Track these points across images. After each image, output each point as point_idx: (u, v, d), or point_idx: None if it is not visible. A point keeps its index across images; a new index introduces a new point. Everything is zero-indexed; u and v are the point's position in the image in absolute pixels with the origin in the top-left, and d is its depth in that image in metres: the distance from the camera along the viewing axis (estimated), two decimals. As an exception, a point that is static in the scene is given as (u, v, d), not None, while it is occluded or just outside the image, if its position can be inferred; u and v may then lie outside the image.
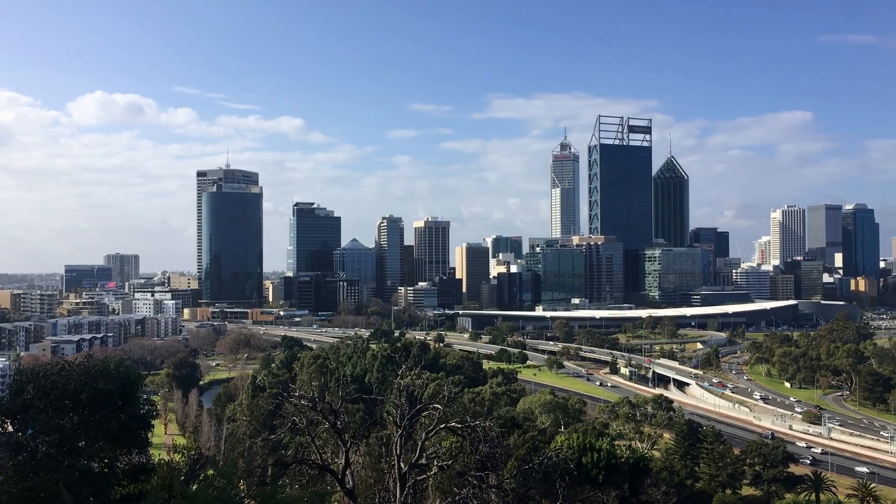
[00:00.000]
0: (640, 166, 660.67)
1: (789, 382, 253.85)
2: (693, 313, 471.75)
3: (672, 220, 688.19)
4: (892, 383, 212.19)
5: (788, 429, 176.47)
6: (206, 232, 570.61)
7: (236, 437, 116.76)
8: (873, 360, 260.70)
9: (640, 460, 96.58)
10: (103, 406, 30.55)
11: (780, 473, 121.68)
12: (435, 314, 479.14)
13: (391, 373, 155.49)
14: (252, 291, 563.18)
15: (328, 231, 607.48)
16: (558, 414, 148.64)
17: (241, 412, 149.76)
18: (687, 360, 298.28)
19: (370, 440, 75.16)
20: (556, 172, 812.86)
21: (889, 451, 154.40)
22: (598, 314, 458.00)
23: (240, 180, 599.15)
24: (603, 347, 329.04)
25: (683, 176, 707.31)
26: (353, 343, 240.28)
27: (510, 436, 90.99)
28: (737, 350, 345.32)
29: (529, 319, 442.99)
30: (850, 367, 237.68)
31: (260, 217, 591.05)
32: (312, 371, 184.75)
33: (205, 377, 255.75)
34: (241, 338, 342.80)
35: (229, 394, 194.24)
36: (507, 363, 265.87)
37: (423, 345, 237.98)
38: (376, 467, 55.04)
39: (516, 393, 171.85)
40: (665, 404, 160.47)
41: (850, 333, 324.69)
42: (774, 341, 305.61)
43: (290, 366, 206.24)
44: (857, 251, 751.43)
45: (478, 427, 36.92)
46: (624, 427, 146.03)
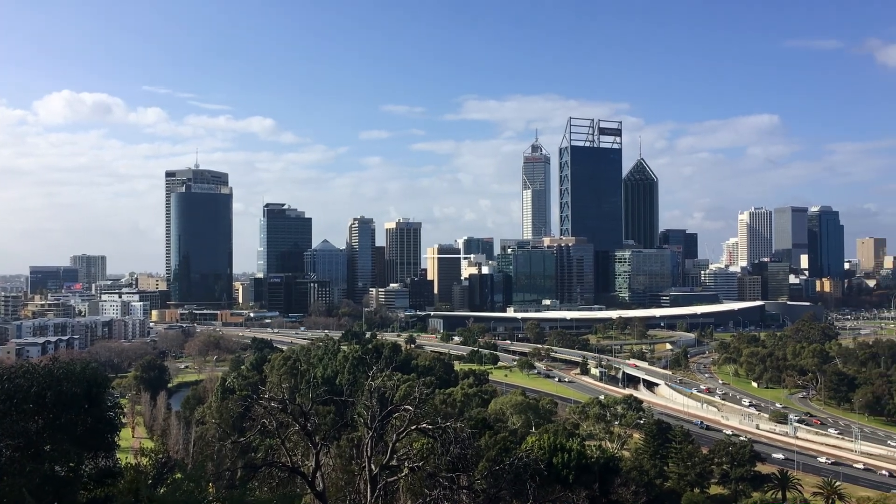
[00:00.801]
0: (611, 168, 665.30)
1: (756, 382, 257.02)
2: (662, 314, 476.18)
3: (642, 221, 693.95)
4: (856, 383, 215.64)
5: (755, 428, 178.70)
6: (174, 233, 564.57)
7: (205, 439, 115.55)
8: (838, 360, 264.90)
9: (610, 460, 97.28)
10: (69, 409, 30.08)
11: (747, 472, 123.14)
12: (406, 315, 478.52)
13: (362, 374, 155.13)
14: (222, 293, 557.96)
15: (299, 232, 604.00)
16: (529, 415, 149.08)
17: (211, 415, 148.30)
18: (656, 361, 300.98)
19: (341, 442, 74.75)
20: (527, 174, 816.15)
21: (853, 450, 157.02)
22: (568, 315, 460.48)
23: (209, 181, 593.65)
24: (574, 348, 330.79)
25: (653, 178, 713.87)
26: (324, 345, 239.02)
27: (481, 437, 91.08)
28: (705, 350, 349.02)
29: (501, 321, 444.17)
30: (816, 367, 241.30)
31: (230, 218, 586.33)
32: (283, 373, 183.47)
33: (173, 379, 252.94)
34: (211, 340, 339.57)
35: (198, 396, 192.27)
36: (479, 364, 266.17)
37: (395, 346, 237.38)
38: (347, 469, 54.84)
39: (487, 394, 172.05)
40: (635, 404, 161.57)
41: (815, 334, 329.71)
42: (742, 342, 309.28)
43: (261, 368, 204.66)
44: (823, 253, 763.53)
45: (449, 428, 36.93)
46: (594, 427, 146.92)
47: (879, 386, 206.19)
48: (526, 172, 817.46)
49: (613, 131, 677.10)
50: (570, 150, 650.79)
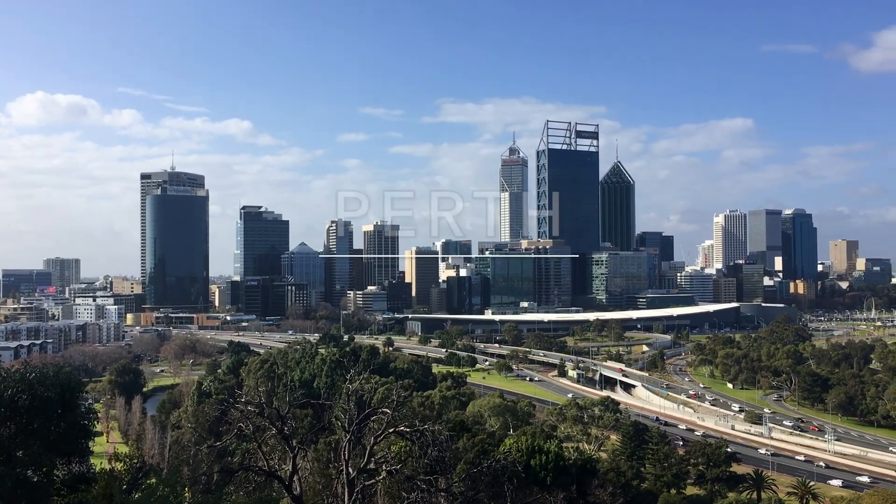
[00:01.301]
0: (588, 171, 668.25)
1: (731, 383, 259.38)
2: (639, 316, 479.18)
3: (619, 224, 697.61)
4: (830, 383, 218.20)
5: (731, 429, 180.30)
6: (150, 235, 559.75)
7: (181, 444, 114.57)
8: (811, 360, 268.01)
9: (588, 462, 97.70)
10: (41, 414, 29.71)
11: (722, 473, 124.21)
12: (384, 318, 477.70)
13: (340, 377, 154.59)
14: (198, 296, 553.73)
15: (276, 235, 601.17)
16: (507, 417, 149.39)
17: (187, 419, 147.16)
18: (633, 363, 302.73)
19: (318, 445, 74.48)
20: (504, 177, 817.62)
21: (827, 450, 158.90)
22: (546, 317, 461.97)
23: (185, 183, 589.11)
24: (551, 350, 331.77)
25: (630, 181, 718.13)
26: (301, 348, 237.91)
27: (459, 439, 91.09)
28: (681, 352, 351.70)
29: (479, 323, 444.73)
30: (790, 368, 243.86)
31: (206, 220, 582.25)
32: (260, 376, 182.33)
33: (149, 384, 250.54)
34: (187, 343, 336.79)
35: (174, 400, 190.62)
36: (457, 367, 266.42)
37: (373, 349, 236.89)
38: (324, 473, 54.60)
39: (465, 396, 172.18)
40: (612, 406, 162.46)
41: (789, 335, 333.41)
42: (717, 343, 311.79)
43: (237, 371, 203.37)
44: (796, 255, 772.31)
45: (427, 431, 36.95)
46: (572, 429, 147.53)
47: (852, 386, 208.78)
48: (504, 175, 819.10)
49: (590, 134, 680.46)
50: (548, 153, 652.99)
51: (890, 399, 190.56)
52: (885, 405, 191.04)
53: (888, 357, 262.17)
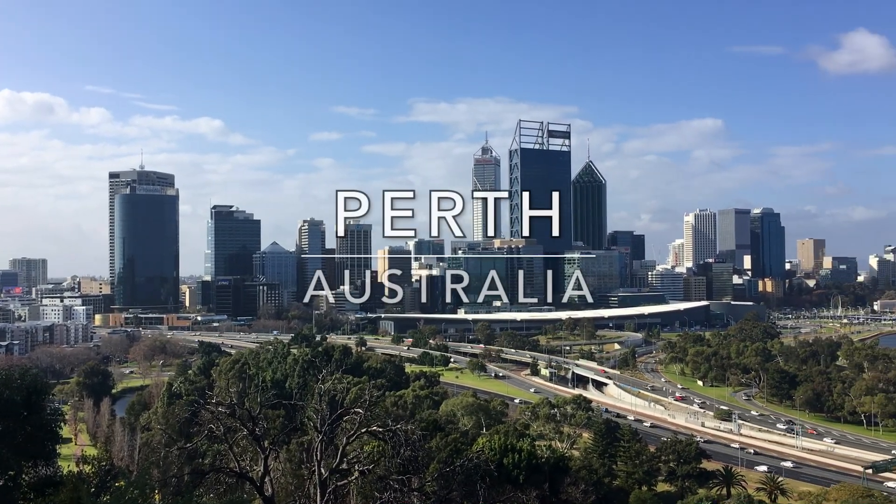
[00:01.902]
0: (560, 170, 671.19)
1: (702, 381, 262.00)
2: (611, 314, 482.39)
3: (590, 223, 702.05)
4: (798, 380, 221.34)
5: (701, 426, 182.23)
6: (118, 235, 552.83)
7: (151, 446, 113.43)
8: (779, 358, 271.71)
9: (560, 460, 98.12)
10: (7, 416, 29.24)
11: (693, 469, 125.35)
12: (357, 318, 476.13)
13: (312, 378, 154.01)
14: (168, 296, 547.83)
15: (247, 234, 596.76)
16: (480, 416, 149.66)
17: (156, 420, 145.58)
18: (605, 361, 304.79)
19: (290, 446, 74.09)
20: (477, 176, 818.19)
21: (794, 446, 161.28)
22: (518, 316, 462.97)
23: (155, 182, 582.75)
24: (524, 349, 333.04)
25: (601, 180, 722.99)
26: (273, 348, 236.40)
27: (432, 439, 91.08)
28: (652, 350, 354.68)
29: (451, 322, 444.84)
30: (759, 365, 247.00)
31: (176, 220, 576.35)
32: (231, 377, 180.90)
33: (118, 385, 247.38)
34: (157, 344, 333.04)
35: (144, 402, 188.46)
36: (430, 366, 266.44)
37: (345, 349, 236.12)
38: (297, 474, 54.34)
39: (438, 396, 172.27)
40: (584, 404, 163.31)
41: (758, 333, 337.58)
42: (688, 341, 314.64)
43: (208, 372, 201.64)
44: (765, 253, 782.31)
45: (399, 431, 36.90)
46: (544, 427, 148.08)
47: (819, 383, 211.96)
48: (476, 174, 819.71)
49: (562, 134, 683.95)
50: (520, 153, 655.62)
51: (856, 395, 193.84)
52: (852, 401, 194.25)
53: (854, 354, 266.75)
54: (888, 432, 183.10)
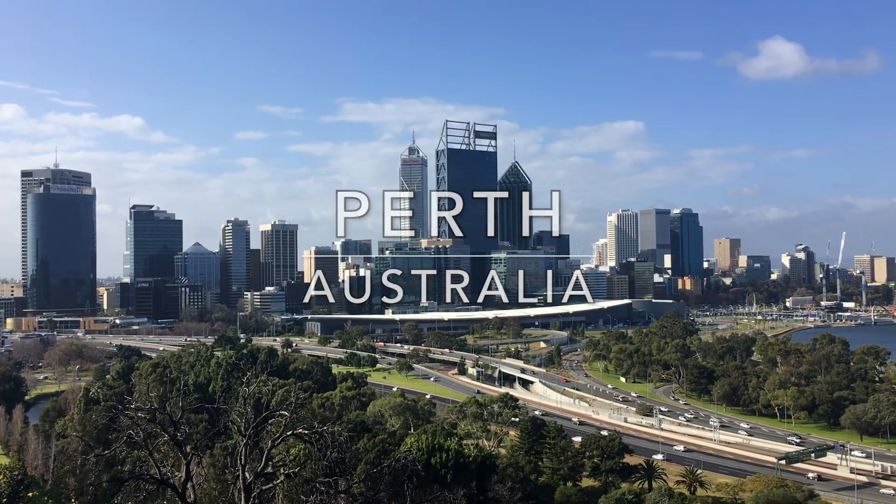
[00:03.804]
0: (487, 171, 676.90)
1: (624, 377, 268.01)
2: (537, 314, 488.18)
3: (516, 223, 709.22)
4: (715, 375, 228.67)
5: (624, 421, 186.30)
6: (31, 236, 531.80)
7: (67, 453, 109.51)
8: (698, 354, 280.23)
9: (488, 458, 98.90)
10: None
11: (616, 464, 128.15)
12: (283, 319, 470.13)
13: (237, 380, 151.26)
14: (84, 299, 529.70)
15: (169, 235, 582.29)
16: (408, 416, 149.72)
17: (73, 427, 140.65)
18: (531, 359, 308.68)
19: (214, 451, 72.57)
20: (404, 176, 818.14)
21: (712, 439, 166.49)
22: (446, 316, 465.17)
23: (70, 181, 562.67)
24: (451, 349, 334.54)
25: (527, 181, 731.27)
26: (196, 351, 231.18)
27: (359, 440, 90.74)
28: (577, 348, 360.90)
29: (379, 323, 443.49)
30: (678, 361, 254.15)
31: (93, 220, 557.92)
32: (152, 381, 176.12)
33: (31, 391, 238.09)
34: (73, 348, 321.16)
35: (59, 408, 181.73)
36: (357, 367, 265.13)
37: (271, 351, 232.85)
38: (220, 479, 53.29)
39: (366, 396, 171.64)
40: (511, 402, 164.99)
41: (678, 329, 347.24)
42: (611, 339, 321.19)
43: (128, 377, 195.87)
44: (684, 252, 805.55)
45: (326, 432, 36.61)
46: (472, 426, 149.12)
47: (736, 378, 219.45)
48: (403, 174, 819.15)
49: (489, 135, 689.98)
50: (447, 153, 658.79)
51: (770, 389, 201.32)
52: (766, 395, 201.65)
53: (768, 349, 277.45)
54: (800, 424, 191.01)
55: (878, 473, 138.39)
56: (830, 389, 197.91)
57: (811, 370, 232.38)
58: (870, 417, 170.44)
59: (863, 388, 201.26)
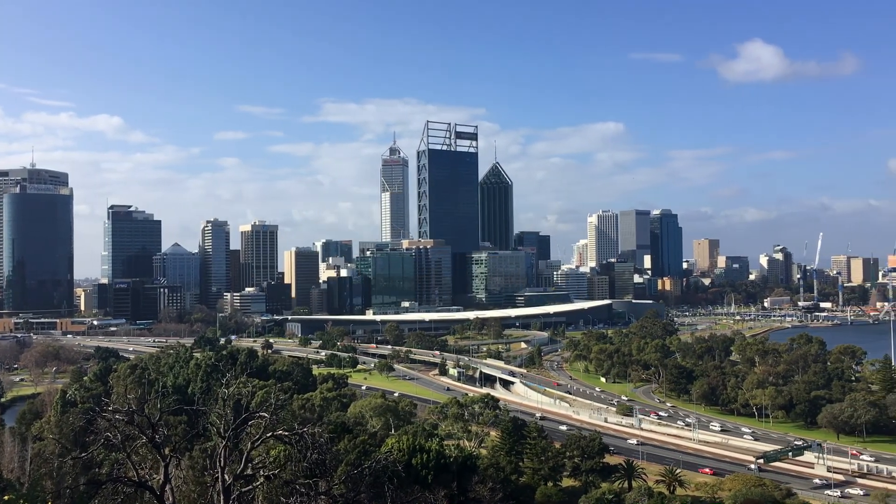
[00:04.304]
0: (468, 171, 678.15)
1: (605, 377, 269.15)
2: (518, 314, 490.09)
3: (497, 224, 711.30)
4: (694, 375, 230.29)
5: (604, 421, 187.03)
6: (7, 236, 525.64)
7: (43, 456, 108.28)
8: (678, 354, 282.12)
9: (468, 459, 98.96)
10: None
11: (596, 464, 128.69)
12: (263, 320, 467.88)
13: (216, 382, 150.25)
14: (62, 300, 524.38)
15: (147, 235, 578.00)
16: (389, 417, 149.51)
17: (50, 430, 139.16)
18: (512, 360, 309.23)
19: (193, 453, 72.05)
20: (385, 177, 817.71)
21: (691, 438, 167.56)
22: (427, 317, 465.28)
23: (47, 181, 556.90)
24: (432, 349, 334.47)
25: (508, 182, 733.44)
26: (175, 352, 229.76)
27: (340, 441, 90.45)
28: (558, 348, 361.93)
29: (360, 323, 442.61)
30: (658, 361, 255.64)
31: (70, 220, 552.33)
32: (130, 383, 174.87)
33: (7, 394, 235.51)
34: (49, 350, 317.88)
35: (36, 410, 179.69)
36: (338, 368, 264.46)
37: (251, 352, 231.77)
38: (199, 481, 52.91)
39: (347, 398, 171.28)
40: (491, 403, 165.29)
41: (657, 330, 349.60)
42: (591, 339, 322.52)
43: (105, 378, 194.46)
44: (664, 253, 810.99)
45: (306, 434, 36.43)
46: (453, 427, 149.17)
47: (714, 377, 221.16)
48: (384, 175, 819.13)
49: (470, 135, 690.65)
50: (428, 154, 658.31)
51: (748, 388, 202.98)
52: (744, 394, 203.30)
53: (746, 349, 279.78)
54: (778, 423, 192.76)
55: (854, 472, 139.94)
56: (807, 389, 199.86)
57: (789, 370, 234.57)
58: (846, 416, 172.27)
59: (839, 387, 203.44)
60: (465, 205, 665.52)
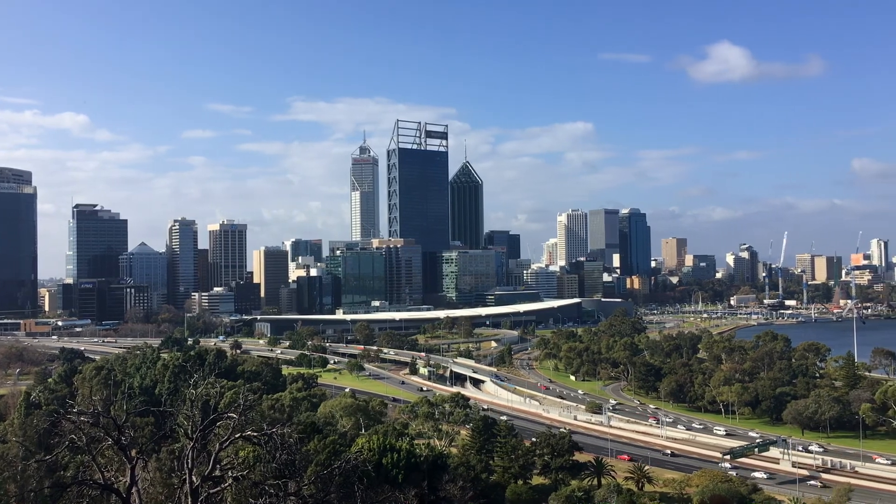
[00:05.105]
0: (438, 171, 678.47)
1: (574, 376, 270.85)
2: (488, 313, 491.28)
3: (468, 223, 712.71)
4: (662, 372, 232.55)
5: (574, 419, 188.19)
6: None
7: (7, 459, 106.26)
8: (646, 352, 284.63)
9: (439, 458, 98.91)
10: None
11: (566, 462, 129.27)
12: (232, 320, 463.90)
13: (184, 383, 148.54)
14: (25, 300, 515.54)
15: (113, 234, 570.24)
16: (359, 416, 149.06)
17: (13, 432, 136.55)
18: (483, 359, 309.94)
19: (161, 455, 71.28)
20: (355, 176, 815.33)
21: (659, 435, 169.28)
22: (397, 316, 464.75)
23: (10, 179, 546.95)
24: (403, 349, 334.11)
25: (478, 181, 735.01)
26: (141, 353, 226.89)
27: (310, 441, 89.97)
28: (528, 347, 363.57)
29: (330, 323, 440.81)
30: (627, 359, 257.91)
31: (34, 220, 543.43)
32: (95, 384, 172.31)
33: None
34: (13, 351, 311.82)
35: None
36: (308, 368, 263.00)
37: (219, 352, 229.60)
38: (167, 483, 52.39)
39: (317, 398, 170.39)
40: (462, 402, 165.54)
41: (626, 328, 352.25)
42: (561, 337, 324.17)
43: (70, 380, 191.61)
44: (632, 252, 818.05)
45: (275, 434, 36.24)
46: (423, 426, 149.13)
47: (682, 375, 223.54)
48: (354, 174, 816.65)
49: (440, 134, 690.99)
50: (398, 153, 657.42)
51: (715, 385, 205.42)
52: (711, 391, 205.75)
53: (713, 347, 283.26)
54: (744, 420, 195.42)
55: (818, 467, 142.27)
56: (773, 385, 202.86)
57: (754, 367, 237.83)
58: (811, 412, 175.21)
59: (804, 383, 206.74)
60: (435, 204, 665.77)
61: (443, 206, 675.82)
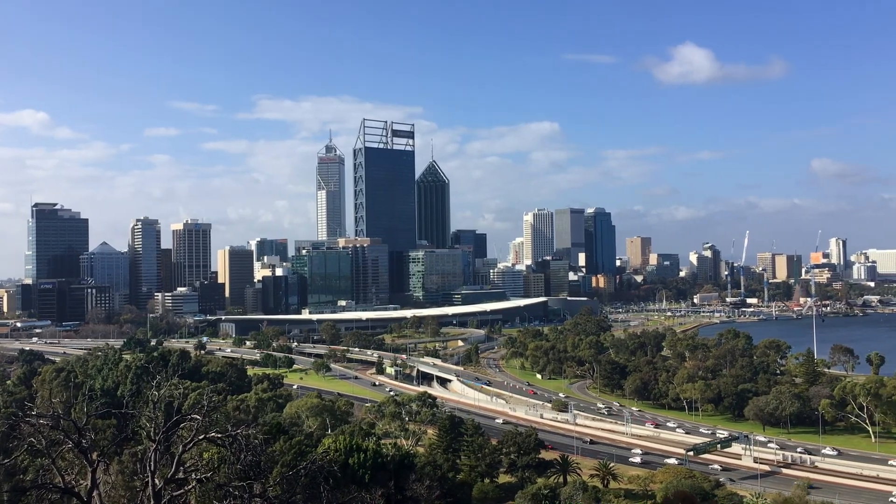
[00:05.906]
0: (404, 170, 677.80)
1: (541, 374, 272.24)
2: (454, 312, 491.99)
3: (435, 222, 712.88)
4: (627, 370, 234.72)
5: (540, 417, 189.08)
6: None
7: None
8: (611, 350, 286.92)
9: (406, 457, 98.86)
10: None
11: (532, 460, 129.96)
12: (196, 321, 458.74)
13: (147, 384, 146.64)
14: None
15: (74, 234, 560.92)
16: (325, 417, 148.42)
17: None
18: (449, 358, 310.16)
19: (123, 457, 70.28)
20: (321, 175, 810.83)
21: (624, 433, 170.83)
22: (364, 316, 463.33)
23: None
24: (369, 348, 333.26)
25: (445, 180, 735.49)
26: (103, 354, 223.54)
27: (275, 442, 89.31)
28: (494, 346, 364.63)
29: (296, 323, 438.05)
30: (592, 358, 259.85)
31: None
32: (55, 387, 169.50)
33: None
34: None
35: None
36: (273, 368, 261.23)
37: (183, 353, 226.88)
38: (129, 486, 51.70)
39: (282, 398, 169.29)
40: (429, 401, 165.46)
41: (591, 326, 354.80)
42: (527, 336, 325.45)
43: (29, 382, 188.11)
44: (598, 251, 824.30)
45: (239, 436, 35.93)
46: (390, 426, 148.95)
47: (647, 373, 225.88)
48: (321, 173, 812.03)
49: (406, 134, 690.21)
50: (364, 152, 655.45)
51: (679, 383, 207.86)
52: (675, 389, 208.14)
53: (677, 344, 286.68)
54: (707, 416, 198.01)
55: (779, 462, 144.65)
56: (735, 382, 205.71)
57: (717, 364, 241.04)
58: (772, 409, 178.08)
59: (765, 380, 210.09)
60: (401, 203, 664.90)
61: (409, 206, 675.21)
